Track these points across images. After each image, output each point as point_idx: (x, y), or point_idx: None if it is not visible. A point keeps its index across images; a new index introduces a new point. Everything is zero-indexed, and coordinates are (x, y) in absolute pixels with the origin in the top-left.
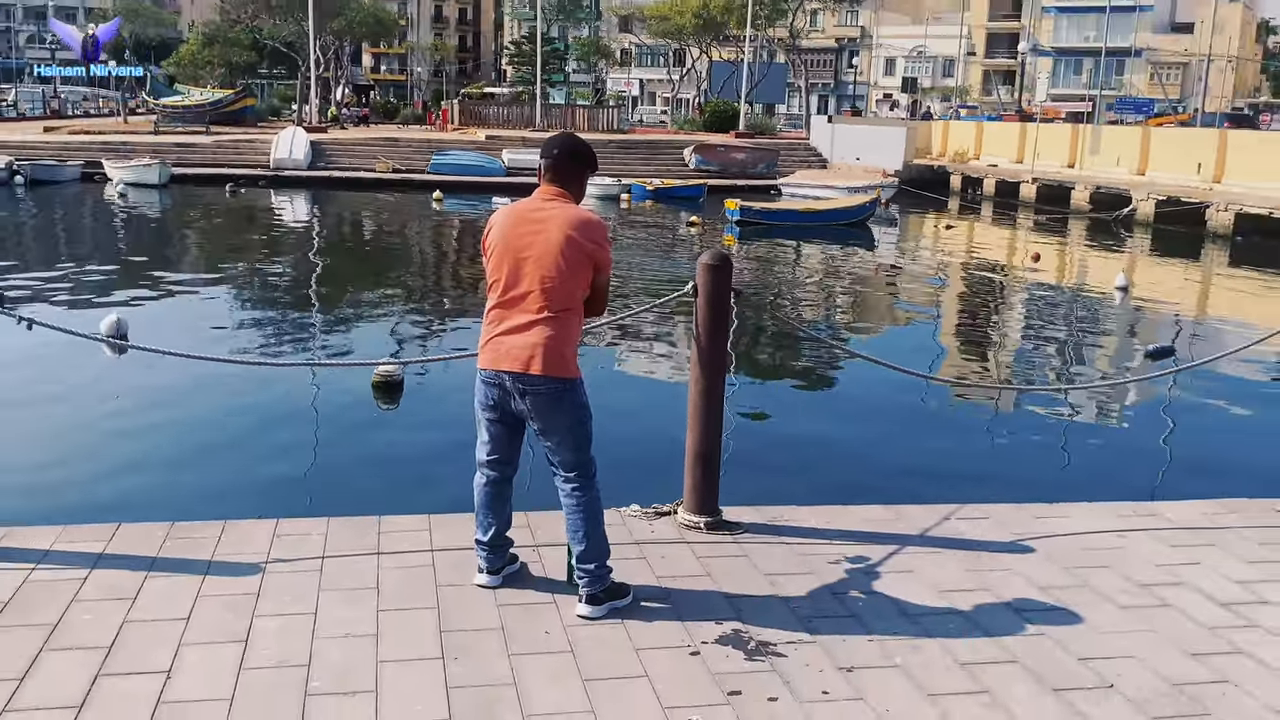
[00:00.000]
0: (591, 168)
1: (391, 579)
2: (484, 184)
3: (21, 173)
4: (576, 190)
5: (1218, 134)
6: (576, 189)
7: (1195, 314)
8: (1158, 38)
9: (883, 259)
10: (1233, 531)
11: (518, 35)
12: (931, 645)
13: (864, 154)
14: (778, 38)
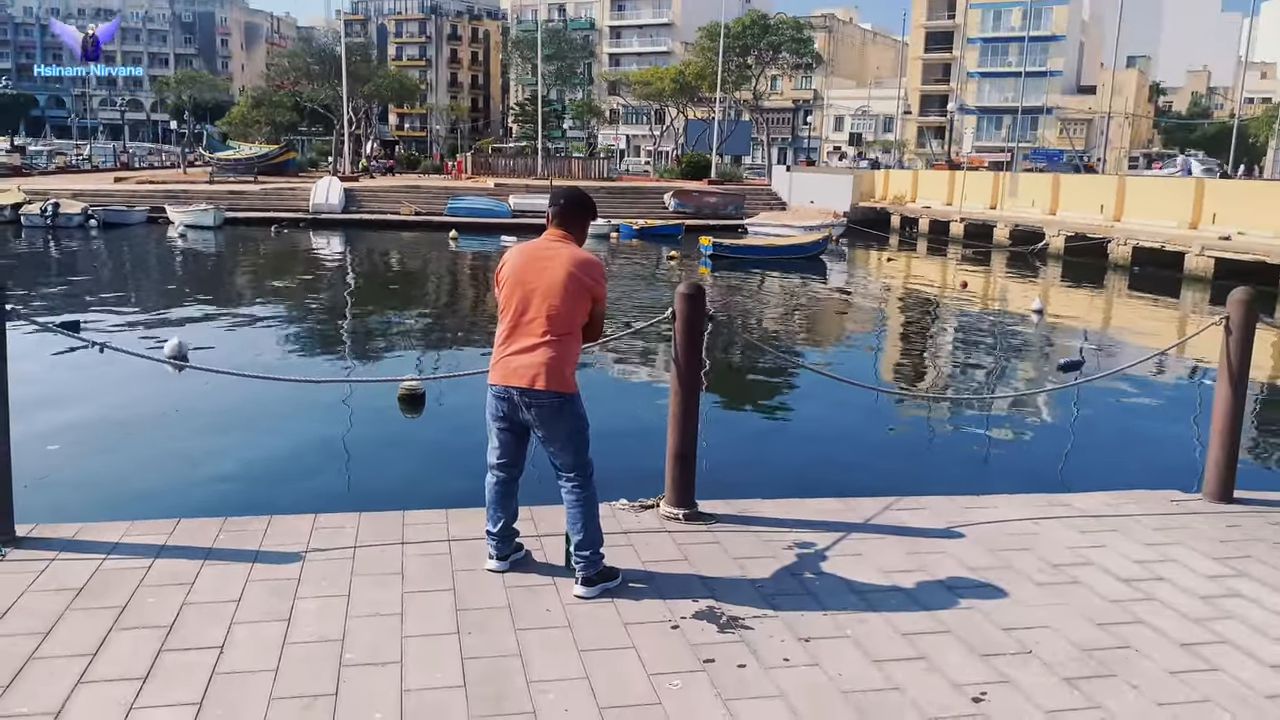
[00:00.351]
0: (592, 215)
1: (414, 565)
2: (493, 224)
3: (95, 217)
4: (579, 234)
5: (1116, 179)
6: (579, 233)
7: (1100, 332)
8: (1065, 98)
9: (837, 285)
10: (1132, 519)
11: (522, 98)
12: (876, 618)
13: (817, 197)
14: (744, 99)
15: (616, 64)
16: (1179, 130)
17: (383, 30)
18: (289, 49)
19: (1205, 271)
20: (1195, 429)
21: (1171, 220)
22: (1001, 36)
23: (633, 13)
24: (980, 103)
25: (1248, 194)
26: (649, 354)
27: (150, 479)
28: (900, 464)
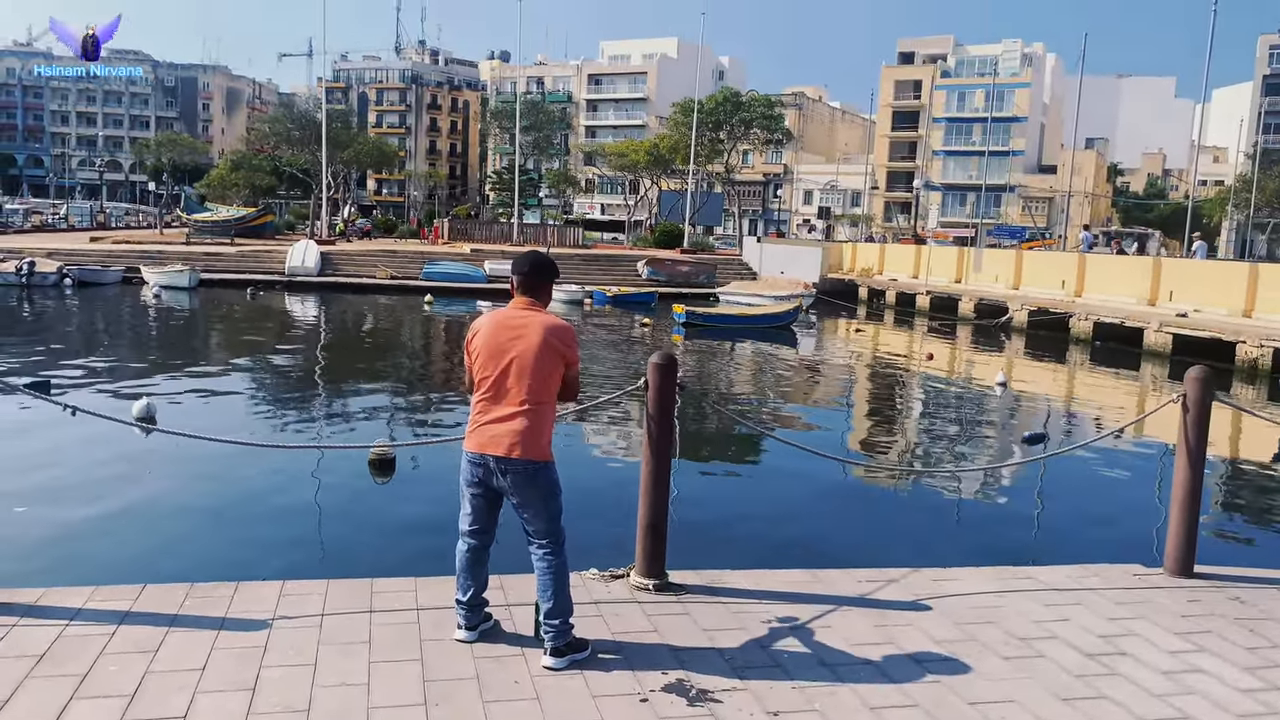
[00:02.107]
0: (555, 277)
1: (382, 634)
2: (469, 289)
3: (70, 276)
4: (544, 298)
5: (1077, 256)
6: (545, 297)
7: (1063, 405)
8: (1027, 176)
9: (807, 355)
10: (1095, 592)
11: (499, 166)
12: (845, 691)
13: (787, 268)
14: (716, 172)
15: (592, 135)
16: (1136, 209)
17: (364, 98)
18: (270, 114)
19: (1164, 347)
20: (1156, 503)
21: (1131, 297)
22: (965, 117)
23: (609, 87)
24: (945, 179)
25: (1203, 273)
26: (621, 420)
27: (117, 543)
28: (867, 535)
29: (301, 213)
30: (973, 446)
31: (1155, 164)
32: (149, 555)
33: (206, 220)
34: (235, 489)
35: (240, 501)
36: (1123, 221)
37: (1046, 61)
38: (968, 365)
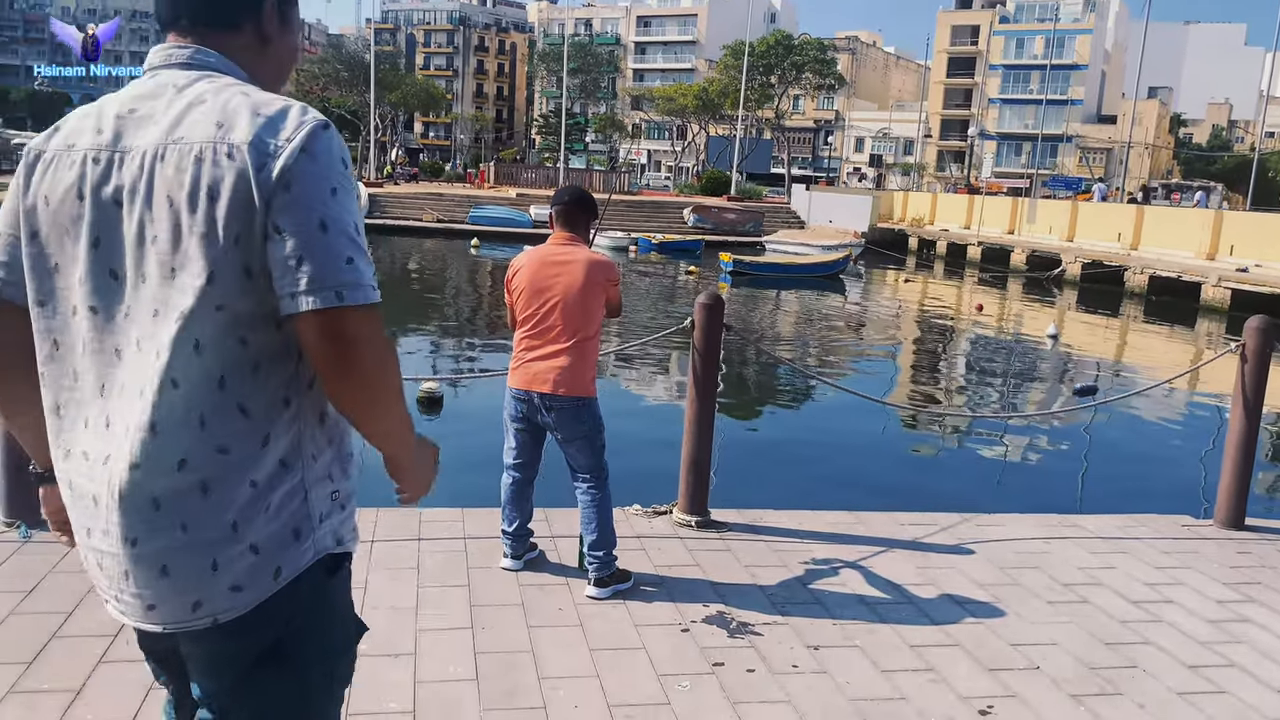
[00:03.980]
0: (594, 212)
1: (430, 561)
2: (514, 234)
3: None
4: (584, 232)
5: (1134, 208)
6: (584, 231)
7: (1115, 359)
8: (1086, 126)
9: (855, 305)
10: (1143, 542)
11: (546, 110)
12: (885, 630)
13: (836, 217)
14: (765, 118)
15: (640, 79)
16: (1198, 162)
17: (411, 40)
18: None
19: (1221, 302)
20: (1208, 455)
21: (1189, 250)
22: (1024, 64)
23: (658, 30)
24: (1001, 129)
25: (1266, 226)
26: (666, 362)
27: None
28: (912, 480)
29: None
30: (1022, 397)
31: (1220, 114)
32: None
33: None
34: None
35: None
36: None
37: (1110, 6)
38: (1018, 317)
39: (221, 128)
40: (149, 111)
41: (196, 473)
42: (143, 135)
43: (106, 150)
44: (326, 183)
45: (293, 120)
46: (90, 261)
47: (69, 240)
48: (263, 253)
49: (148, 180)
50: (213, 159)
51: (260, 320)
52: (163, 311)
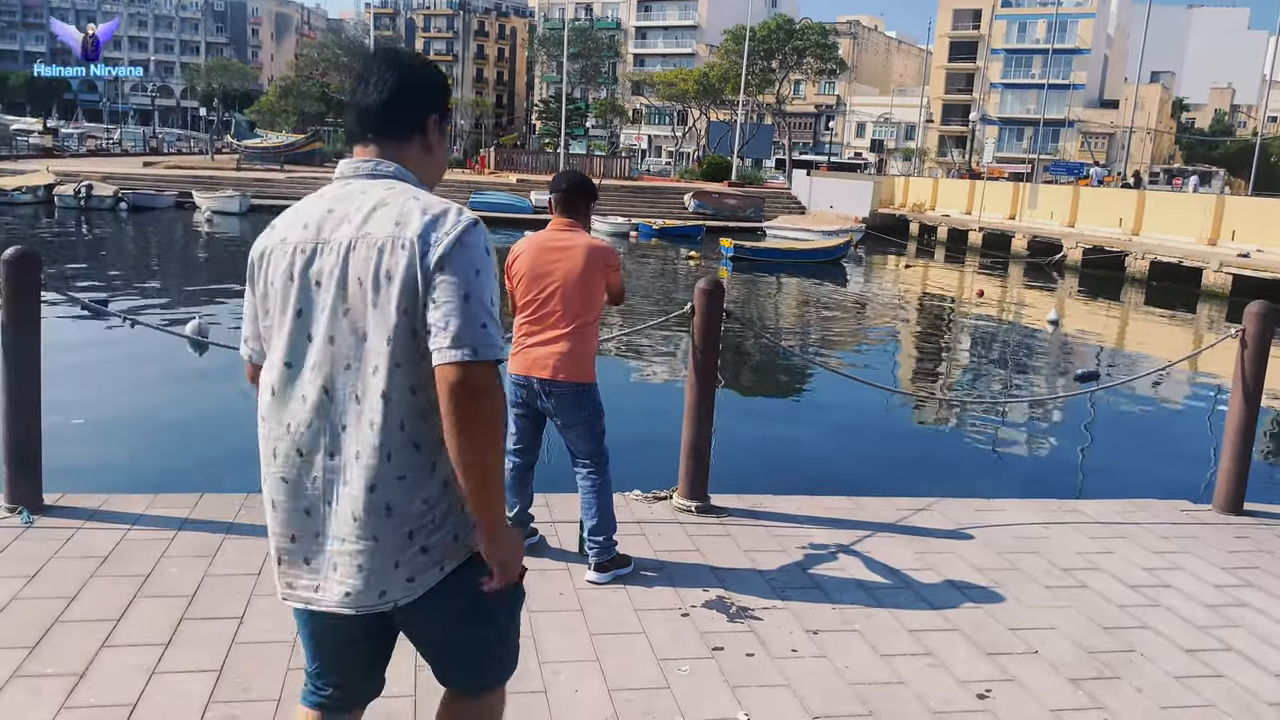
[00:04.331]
0: (594, 197)
1: None
2: (514, 219)
3: (125, 200)
4: (584, 218)
5: (1136, 194)
6: (584, 217)
7: (1115, 344)
8: (1087, 111)
9: (856, 291)
10: (1142, 527)
11: (546, 95)
12: (884, 614)
13: (837, 202)
14: (766, 103)
15: (641, 64)
16: (1200, 146)
17: (411, 24)
18: (318, 40)
19: (1223, 288)
20: (1207, 441)
21: (1190, 236)
22: (1026, 48)
23: (659, 14)
24: (1002, 114)
25: (1268, 211)
26: (665, 348)
27: (173, 453)
28: (911, 466)
29: None
30: (1022, 382)
31: (1223, 99)
32: (205, 466)
33: (256, 146)
34: None
35: None
36: (1186, 159)
37: None
38: (1019, 303)
39: (399, 225)
40: (344, 212)
41: (384, 495)
42: (339, 231)
43: (310, 243)
44: (472, 266)
45: (450, 219)
46: (292, 327)
47: (280, 311)
48: (425, 319)
49: (342, 265)
50: (391, 249)
51: (426, 376)
52: (355, 367)
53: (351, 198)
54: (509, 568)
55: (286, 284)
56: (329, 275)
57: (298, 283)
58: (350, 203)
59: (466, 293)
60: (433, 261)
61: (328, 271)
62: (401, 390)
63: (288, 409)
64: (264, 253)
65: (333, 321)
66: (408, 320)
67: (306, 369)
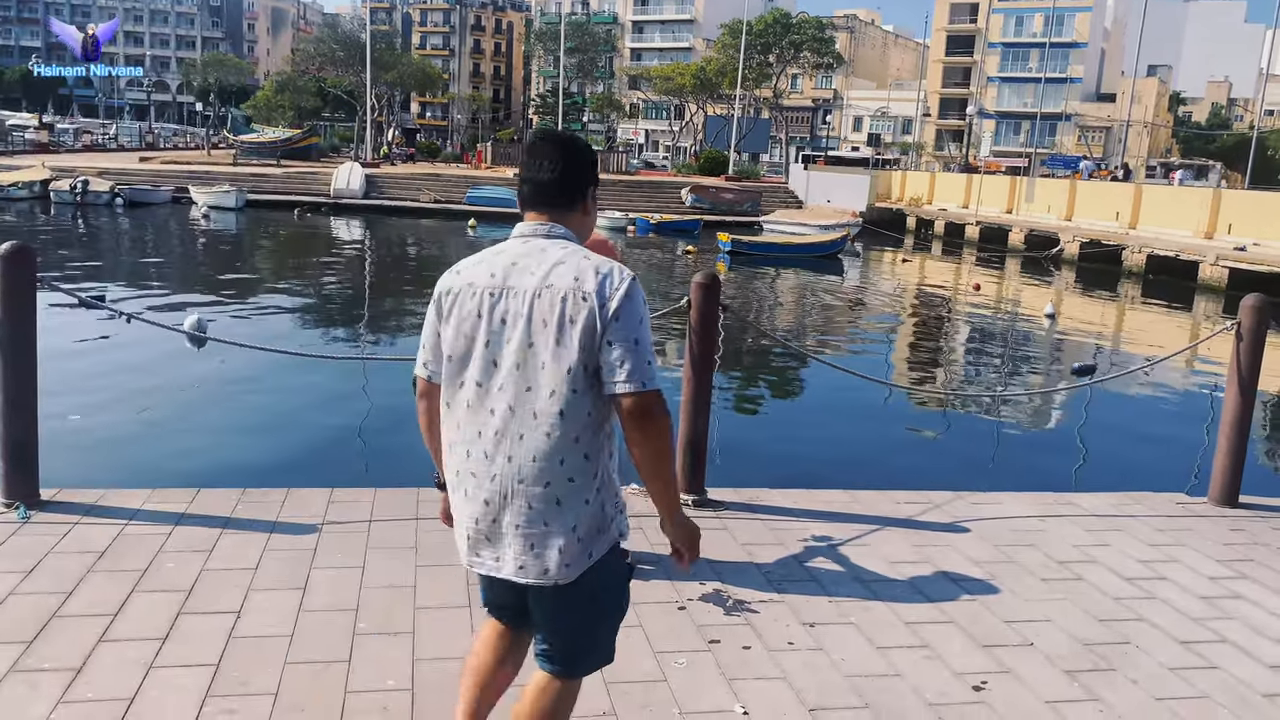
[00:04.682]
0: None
1: (428, 540)
2: (511, 214)
3: (122, 195)
4: None
5: (1133, 187)
6: None
7: (1112, 338)
8: (1085, 105)
9: (853, 285)
10: (1138, 519)
11: (543, 90)
12: (881, 607)
13: (834, 196)
14: (763, 97)
15: (638, 59)
16: (1197, 140)
17: (407, 19)
18: (315, 34)
19: (1219, 281)
20: (1203, 434)
21: (1187, 229)
22: (1023, 42)
23: (655, 8)
24: (999, 107)
25: (1265, 205)
26: (662, 341)
27: (170, 449)
28: (908, 459)
29: (346, 135)
30: (1019, 376)
31: (1220, 93)
32: (201, 461)
33: (253, 141)
34: (283, 399)
35: (289, 411)
36: (1183, 153)
37: None
38: (1016, 297)
39: (577, 280)
40: (526, 265)
41: (555, 492)
42: (523, 280)
43: (498, 288)
44: (637, 316)
45: (617, 276)
46: (482, 355)
47: (468, 342)
48: (597, 356)
49: (529, 309)
50: (572, 299)
51: (596, 400)
52: (535, 390)
53: (532, 254)
54: (692, 548)
55: (476, 320)
56: (515, 315)
57: (485, 319)
58: (532, 258)
59: (636, 338)
60: (610, 313)
61: (514, 312)
62: (577, 410)
63: (478, 419)
64: (450, 291)
65: (519, 352)
66: (584, 355)
67: (494, 389)
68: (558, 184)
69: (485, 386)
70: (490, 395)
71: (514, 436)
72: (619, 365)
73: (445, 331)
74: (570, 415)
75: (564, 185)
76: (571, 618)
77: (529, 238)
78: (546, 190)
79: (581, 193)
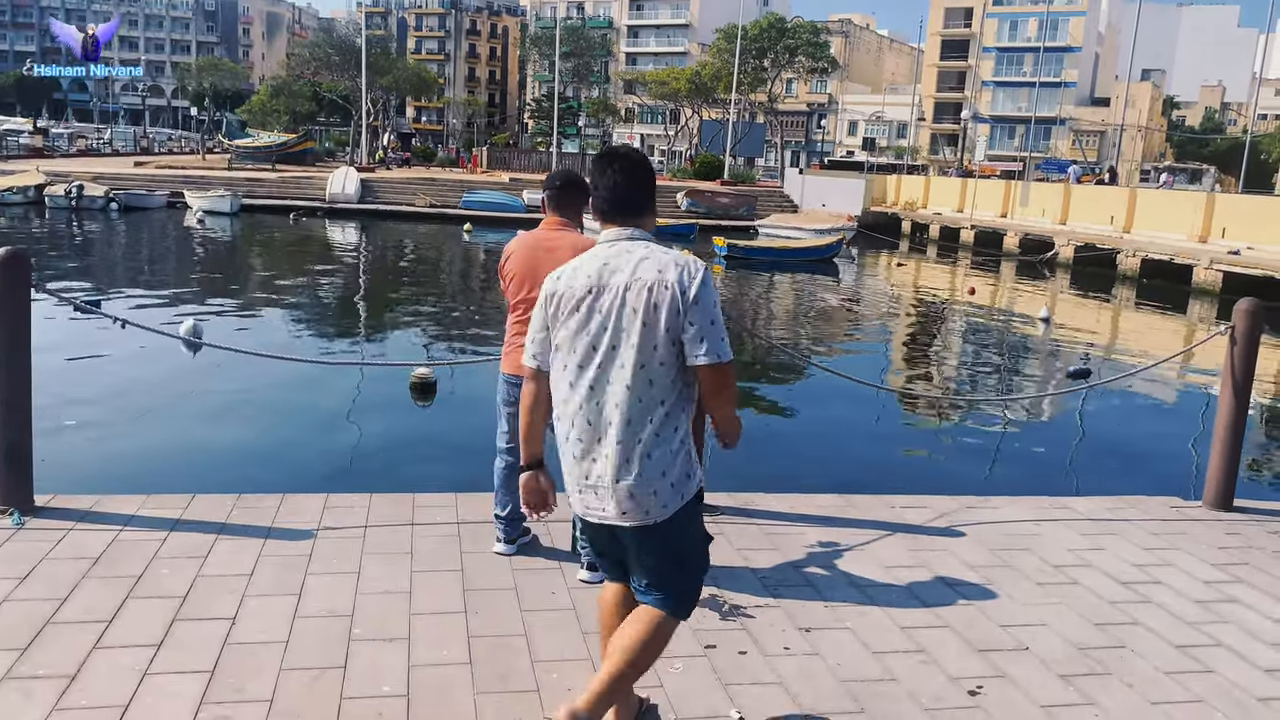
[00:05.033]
0: (587, 197)
1: (423, 545)
2: (507, 219)
3: (117, 200)
4: (576, 217)
5: (1127, 191)
6: (576, 216)
7: (1107, 342)
8: (1079, 109)
9: (847, 290)
10: (1132, 523)
11: (538, 94)
12: (876, 611)
13: (829, 201)
14: (758, 101)
15: (633, 63)
16: (1191, 144)
17: (403, 23)
18: (310, 39)
19: (1213, 285)
20: (1197, 438)
21: (1181, 233)
22: (1017, 46)
23: (651, 13)
24: (994, 111)
25: (1259, 209)
26: None
27: (165, 454)
28: (903, 463)
29: (341, 139)
30: (1014, 380)
31: (1214, 97)
32: (196, 467)
33: (248, 146)
34: (278, 406)
35: (283, 418)
36: (1177, 157)
37: None
38: (1011, 300)
39: (660, 273)
40: (616, 264)
41: (647, 448)
42: (615, 277)
43: (595, 286)
44: (712, 299)
45: (694, 267)
46: (585, 342)
47: (569, 334)
48: (680, 334)
49: (621, 300)
50: (658, 289)
51: (680, 371)
52: (628, 366)
53: (620, 255)
54: (733, 440)
55: (579, 315)
56: (611, 306)
57: (583, 312)
58: (620, 259)
59: (711, 319)
60: (690, 298)
61: (610, 303)
62: (664, 380)
63: (580, 392)
64: (555, 294)
65: (614, 335)
66: (669, 335)
67: (594, 366)
68: (633, 197)
69: (590, 366)
70: (593, 372)
71: (614, 405)
72: (699, 341)
73: (554, 326)
74: (659, 384)
75: (637, 197)
76: (667, 554)
77: (614, 242)
78: (623, 203)
79: (650, 200)
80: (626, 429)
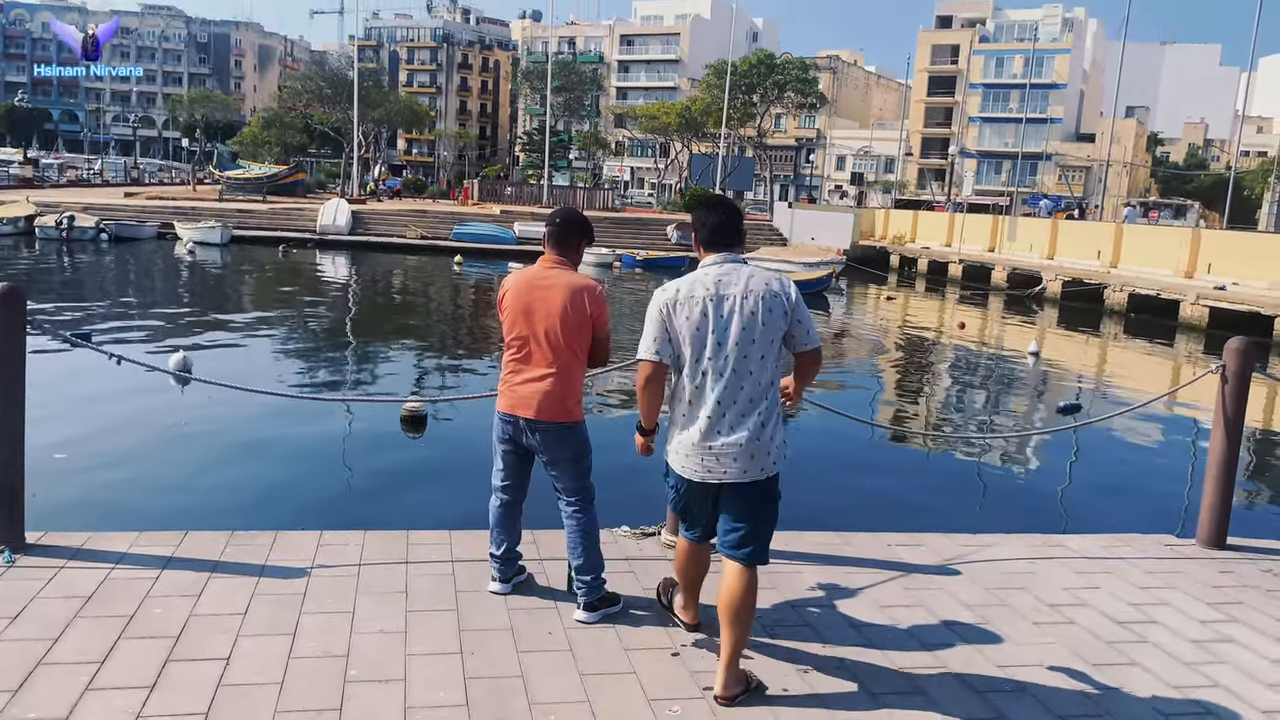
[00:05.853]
0: (589, 238)
1: (418, 584)
2: (498, 250)
3: (107, 230)
4: (574, 255)
5: (1114, 226)
6: (574, 254)
7: (1096, 376)
8: (1065, 145)
9: (836, 321)
10: (1127, 561)
11: (530, 127)
12: (874, 653)
13: (818, 234)
14: (748, 136)
15: (624, 97)
16: (1175, 180)
17: (395, 57)
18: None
19: (1200, 320)
20: (1190, 475)
21: (1168, 268)
22: (1003, 83)
23: (641, 48)
24: (981, 147)
25: (1244, 245)
26: None
27: (157, 491)
28: (897, 501)
29: (333, 171)
30: (1004, 415)
31: (1197, 134)
32: (189, 503)
33: (239, 177)
34: (270, 441)
35: (275, 454)
36: (1161, 192)
37: (1088, 27)
38: (1000, 335)
39: (768, 285)
40: (729, 280)
41: (765, 417)
42: (730, 289)
43: (714, 296)
44: (804, 306)
45: (789, 282)
46: (710, 340)
47: (695, 333)
48: (787, 331)
49: (740, 305)
50: (769, 297)
51: (778, 359)
52: (750, 357)
53: (729, 273)
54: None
55: (703, 318)
56: (730, 310)
57: (711, 316)
58: (730, 275)
59: (808, 321)
60: (793, 303)
61: (729, 308)
62: (771, 366)
63: (710, 381)
64: (675, 301)
65: (737, 333)
66: (778, 333)
67: (721, 358)
68: (732, 231)
69: (716, 358)
70: (719, 362)
71: (736, 388)
72: (805, 334)
73: (677, 326)
74: (770, 370)
75: (733, 230)
76: (766, 503)
77: (721, 263)
78: (725, 235)
79: (742, 235)
80: (750, 405)
